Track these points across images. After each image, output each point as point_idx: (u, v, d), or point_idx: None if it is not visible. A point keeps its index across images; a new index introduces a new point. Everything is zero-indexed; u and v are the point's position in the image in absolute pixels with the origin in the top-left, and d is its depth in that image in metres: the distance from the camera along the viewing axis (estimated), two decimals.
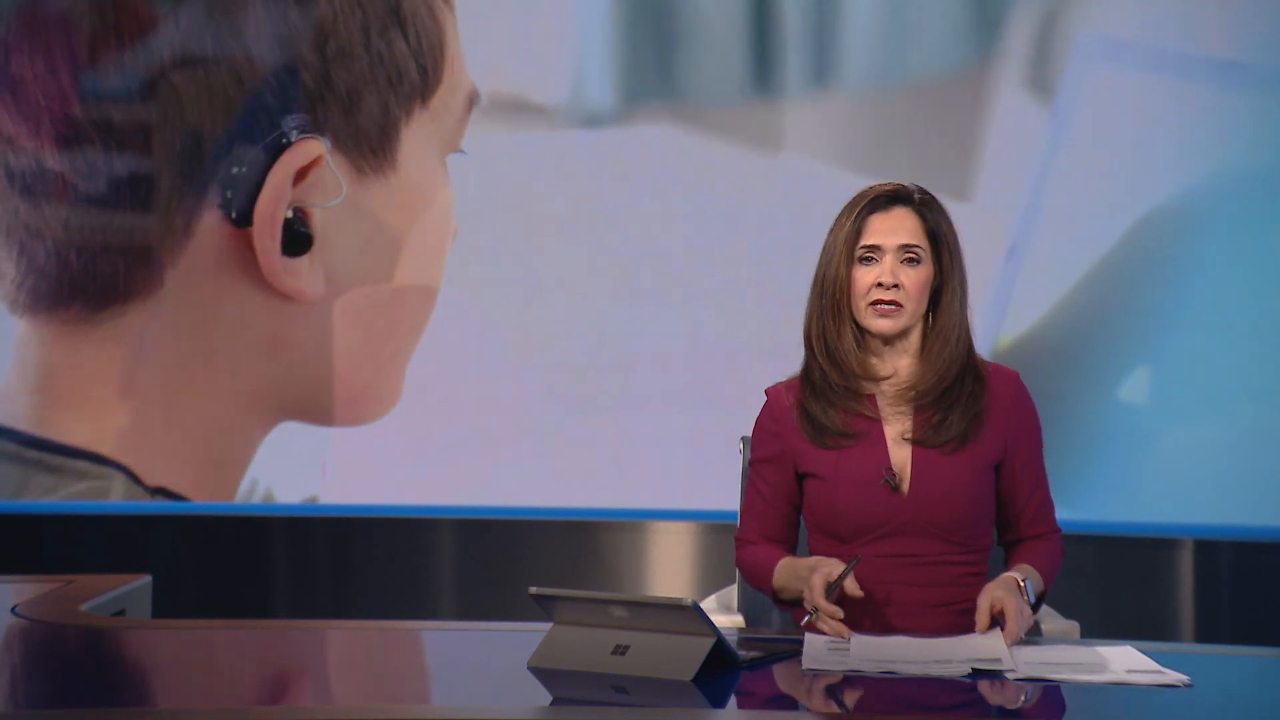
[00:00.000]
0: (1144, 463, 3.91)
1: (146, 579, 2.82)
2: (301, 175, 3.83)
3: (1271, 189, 3.87)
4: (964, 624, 2.33)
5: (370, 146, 3.84)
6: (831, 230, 2.45)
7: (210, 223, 3.88)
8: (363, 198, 3.95)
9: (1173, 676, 2.03)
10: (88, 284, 3.67)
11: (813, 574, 2.31)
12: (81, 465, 3.95)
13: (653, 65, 4.05)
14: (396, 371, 4.30)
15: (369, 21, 3.77)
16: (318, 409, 4.13)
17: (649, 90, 4.11)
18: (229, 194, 3.64)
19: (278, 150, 3.67)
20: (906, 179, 2.51)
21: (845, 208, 2.45)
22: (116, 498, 4.02)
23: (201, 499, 4.05)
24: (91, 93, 3.40)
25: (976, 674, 2.06)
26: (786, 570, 2.43)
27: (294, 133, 3.59)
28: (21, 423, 3.92)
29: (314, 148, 3.80)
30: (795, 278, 2.61)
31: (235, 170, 3.59)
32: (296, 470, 4.41)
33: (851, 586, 2.30)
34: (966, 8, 4.03)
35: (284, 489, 4.41)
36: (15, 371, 3.83)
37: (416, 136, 3.92)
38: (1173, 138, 3.95)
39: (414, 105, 3.86)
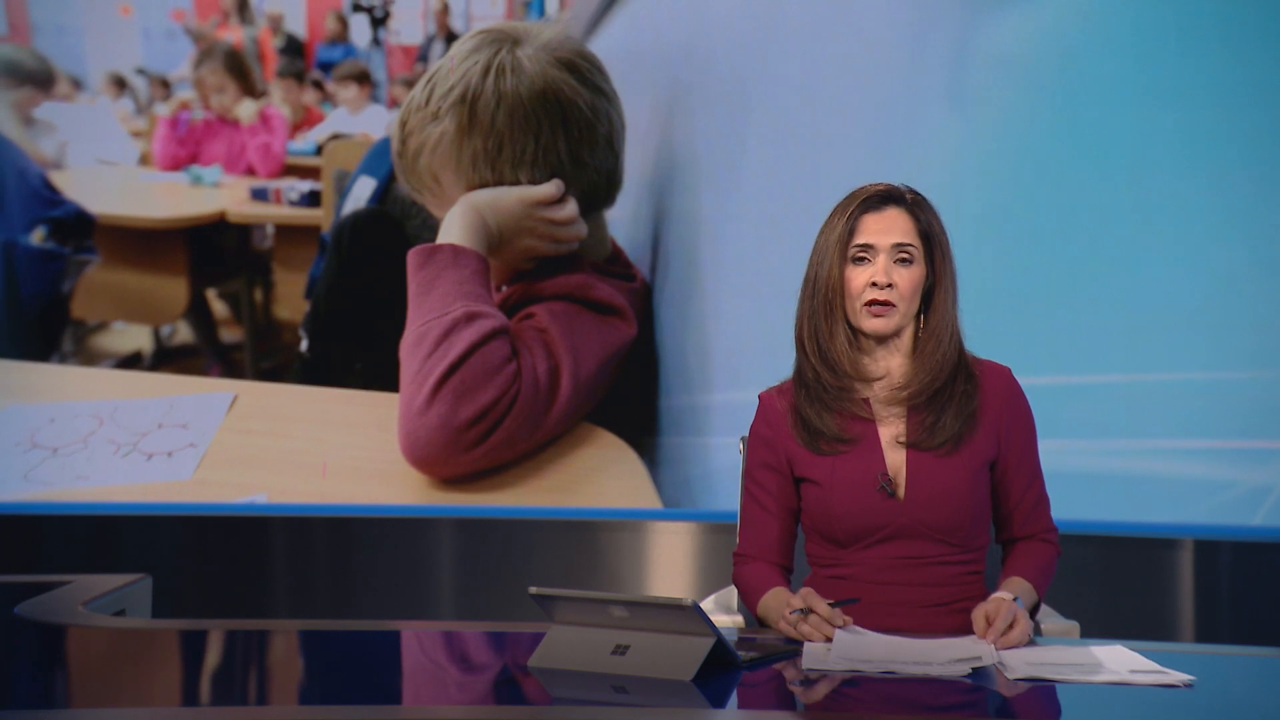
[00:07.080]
0: (1144, 462, 3.90)
1: (146, 579, 2.82)
2: None
3: (1269, 181, 3.84)
4: (962, 622, 2.34)
5: None
6: (823, 230, 2.44)
7: None
8: None
9: (1174, 676, 2.03)
10: None
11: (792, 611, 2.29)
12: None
13: None
14: None
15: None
16: None
17: None
18: None
19: None
20: None
21: (837, 208, 2.44)
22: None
23: None
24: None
25: (976, 674, 2.06)
26: (776, 599, 2.40)
27: None
28: None
29: None
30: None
31: None
32: (296, 470, 4.41)
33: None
34: None
35: (284, 489, 4.42)
36: None
37: None
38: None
39: None
